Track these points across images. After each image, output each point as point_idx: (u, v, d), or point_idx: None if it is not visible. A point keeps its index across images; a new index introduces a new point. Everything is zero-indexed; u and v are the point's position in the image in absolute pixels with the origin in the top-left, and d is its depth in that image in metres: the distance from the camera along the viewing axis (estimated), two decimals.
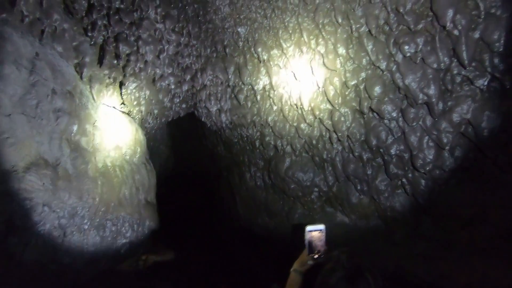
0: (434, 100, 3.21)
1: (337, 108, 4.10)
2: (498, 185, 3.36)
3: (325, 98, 4.23)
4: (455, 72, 3.09)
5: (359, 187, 4.65)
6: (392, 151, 3.92)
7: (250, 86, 4.83)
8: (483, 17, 2.70)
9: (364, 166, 4.47)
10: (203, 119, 7.20)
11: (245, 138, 6.50)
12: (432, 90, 3.20)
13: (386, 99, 3.62)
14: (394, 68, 3.41)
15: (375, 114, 3.86)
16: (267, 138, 5.71)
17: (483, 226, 3.46)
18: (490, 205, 3.44)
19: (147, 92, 5.48)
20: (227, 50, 4.59)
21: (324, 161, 5.04)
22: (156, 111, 6.36)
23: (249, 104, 5.11)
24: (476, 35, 2.79)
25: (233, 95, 5.20)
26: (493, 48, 2.71)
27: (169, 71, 5.33)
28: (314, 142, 4.96)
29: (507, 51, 2.76)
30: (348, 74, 3.85)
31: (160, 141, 9.08)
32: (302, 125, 4.88)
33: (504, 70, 2.78)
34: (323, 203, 5.44)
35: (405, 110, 3.53)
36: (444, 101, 3.22)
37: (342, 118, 4.16)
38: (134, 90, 5.32)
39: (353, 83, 3.84)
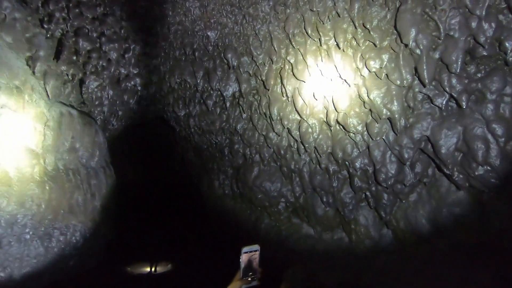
0: (396, 116, 3.27)
1: (305, 119, 4.08)
2: (454, 202, 3.47)
3: (294, 108, 4.20)
4: (416, 90, 3.17)
5: (325, 199, 4.64)
6: (357, 164, 3.95)
7: (219, 92, 4.71)
8: (442, 38, 2.78)
9: (330, 178, 4.47)
10: (171, 123, 6.96)
11: (214, 145, 6.33)
12: (395, 106, 3.25)
13: (352, 112, 3.64)
14: (360, 83, 3.44)
15: (341, 127, 3.87)
16: (236, 146, 5.60)
17: (440, 241, 3.54)
18: (446, 221, 3.54)
19: (111, 92, 5.17)
20: (196, 54, 4.45)
21: (292, 171, 5.00)
22: (120, 113, 6.02)
23: (218, 110, 4.98)
24: (436, 55, 2.88)
25: (201, 100, 5.04)
26: (451, 69, 2.80)
27: (135, 72, 5.09)
28: (282, 152, 4.90)
29: (463, 72, 2.87)
30: (316, 86, 3.84)
31: (127, 145, 8.64)
32: (271, 134, 4.81)
33: (460, 91, 2.88)
34: (290, 214, 5.39)
35: (369, 125, 3.57)
36: (406, 117, 3.29)
37: (310, 130, 4.15)
38: (95, 89, 5.00)
39: (321, 95, 3.84)
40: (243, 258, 1.46)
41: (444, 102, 3.05)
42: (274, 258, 5.33)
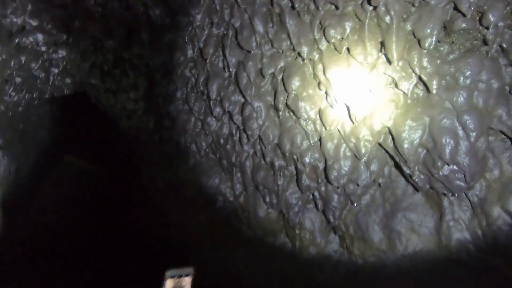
0: (355, 100, 2.68)
1: (249, 100, 3.33)
2: (410, 206, 3.02)
3: (237, 86, 3.42)
4: (380, 70, 2.61)
5: (268, 199, 3.95)
6: (306, 159, 3.32)
7: (145, 60, 3.73)
8: (417, 4, 2.24)
9: (275, 175, 3.79)
10: (93, 101, 5.71)
11: (142, 130, 5.28)
12: (354, 89, 2.66)
13: (305, 94, 2.99)
14: (316, 57, 2.79)
15: (291, 112, 3.20)
16: (168, 132, 4.65)
17: (393, 252, 3.07)
18: (400, 228, 3.08)
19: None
20: (116, 5, 3.42)
21: (233, 165, 4.23)
22: (19, 80, 4.66)
23: (145, 84, 3.99)
24: (408, 26, 2.33)
25: (124, 70, 4.00)
26: (423, 44, 2.27)
27: (35, 24, 3.84)
28: (222, 141, 4.11)
29: (435, 51, 2.37)
30: (265, 60, 3.11)
31: (37, 125, 7.02)
32: (209, 119, 3.98)
33: (431, 73, 2.37)
34: (228, 214, 4.61)
35: (324, 111, 2.95)
36: (366, 103, 2.72)
37: (254, 114, 3.41)
38: None
39: (269, 71, 3.12)
40: (168, 285, 1.12)
41: (410, 87, 2.53)
42: (205, 267, 4.52)
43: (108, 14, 3.56)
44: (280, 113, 3.32)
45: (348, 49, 2.61)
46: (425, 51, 2.33)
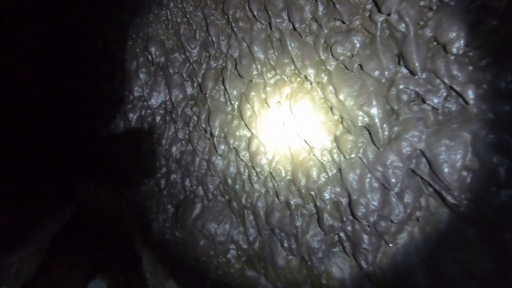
0: (377, 122, 2.31)
1: (256, 134, 3.01)
2: (462, 244, 2.46)
3: (241, 120, 3.14)
4: (401, 85, 2.27)
5: (286, 244, 3.44)
6: (326, 195, 2.88)
7: (144, 102, 3.54)
8: (434, 7, 1.95)
9: (291, 215, 3.33)
10: (97, 150, 5.54)
11: (148, 175, 4.99)
12: (374, 109, 2.30)
13: (316, 121, 2.64)
14: (325, 80, 2.49)
15: (303, 143, 2.84)
16: (173, 176, 4.32)
17: None
18: (453, 273, 2.49)
19: None
20: (112, 49, 3.33)
21: (244, 207, 3.79)
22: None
23: (146, 126, 3.77)
24: (428, 32, 2.02)
25: (124, 115, 3.82)
26: (450, 49, 1.94)
27: (34, 76, 3.80)
28: (230, 181, 3.73)
29: (464, 57, 2.03)
30: (268, 88, 2.85)
31: (37, 177, 6.87)
32: (214, 158, 3.65)
33: (464, 82, 2.01)
34: (243, 265, 4.06)
35: (340, 138, 2.57)
36: (390, 124, 2.34)
37: (262, 148, 3.06)
38: None
39: (275, 99, 2.83)
40: None
41: (441, 101, 2.15)
42: None
43: (104, 57, 3.47)
44: (291, 145, 2.96)
45: (360, 66, 2.31)
46: (453, 57, 2.00)
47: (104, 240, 9.71)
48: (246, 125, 3.08)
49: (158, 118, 3.65)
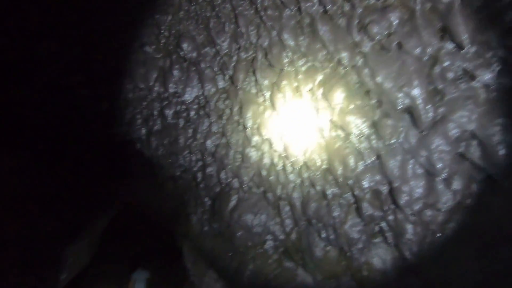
0: (419, 104, 2.16)
1: (289, 124, 2.97)
2: None
3: (273, 111, 3.11)
4: (446, 61, 2.09)
5: (324, 235, 3.38)
6: (365, 183, 2.77)
7: (179, 99, 3.66)
8: None
9: (329, 205, 3.25)
10: (138, 148, 5.86)
11: (186, 170, 5.17)
12: (415, 90, 2.16)
13: (352, 107, 2.54)
14: (360, 62, 2.38)
15: (338, 130, 2.75)
16: (209, 169, 4.43)
17: None
18: (504, 268, 2.27)
19: (46, 108, 4.14)
20: (147, 48, 3.47)
21: (279, 198, 3.78)
22: (67, 134, 4.94)
23: (181, 122, 3.90)
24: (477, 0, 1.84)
25: (161, 112, 3.98)
26: (506, 16, 1.74)
27: (79, 79, 4.09)
28: (264, 173, 3.74)
29: None
30: (300, 76, 2.79)
31: (87, 177, 7.44)
32: (248, 150, 3.68)
33: None
34: (280, 255, 4.07)
35: (379, 123, 2.45)
36: (434, 106, 2.17)
37: (296, 138, 3.02)
38: (26, 103, 3.97)
39: (307, 87, 2.77)
40: None
41: (494, 76, 1.95)
42: None
43: (140, 57, 3.63)
44: (326, 133, 2.88)
45: (399, 45, 2.17)
46: (509, 26, 1.79)
47: (146, 233, 10.31)
48: (278, 115, 3.05)
49: (192, 113, 3.76)
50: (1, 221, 3.35)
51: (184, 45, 3.20)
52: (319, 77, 2.72)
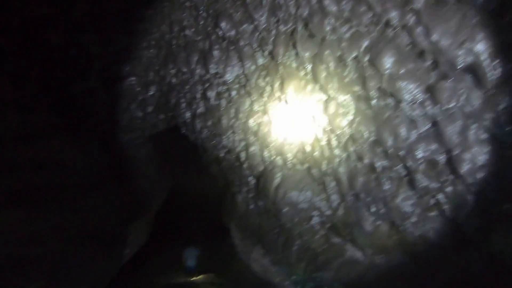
0: (483, 60, 1.93)
1: (332, 95, 2.87)
2: None
3: (315, 84, 3.03)
4: None
5: (373, 209, 3.28)
6: (419, 153, 2.60)
7: (220, 79, 3.72)
8: None
9: (378, 179, 3.13)
10: (183, 132, 6.14)
11: (229, 151, 5.31)
12: (479, 45, 1.93)
13: (403, 71, 2.37)
14: (412, 21, 2.19)
15: (388, 98, 2.60)
16: (252, 148, 4.51)
17: None
18: None
19: (103, 97, 4.49)
20: (187, 32, 3.54)
21: (324, 174, 3.74)
22: (124, 122, 5.34)
23: (223, 103, 3.97)
24: None
25: (203, 94, 4.09)
26: None
27: (127, 68, 4.35)
28: (308, 149, 3.70)
29: None
30: (344, 44, 2.65)
31: (144, 162, 8.01)
32: (290, 126, 3.65)
33: None
34: (328, 231, 4.06)
35: (435, 86, 2.26)
36: (501, 60, 1.93)
37: (341, 110, 2.92)
38: (86, 94, 4.34)
39: (352, 55, 2.63)
40: None
41: None
42: None
43: (182, 42, 3.73)
44: (374, 102, 2.74)
45: None
46: None
47: (195, 214, 10.93)
48: (322, 87, 2.96)
49: (233, 92, 3.81)
50: (79, 199, 3.79)
51: (222, 24, 3.21)
52: (365, 43, 2.56)
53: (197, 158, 8.08)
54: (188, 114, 4.70)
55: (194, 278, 7.47)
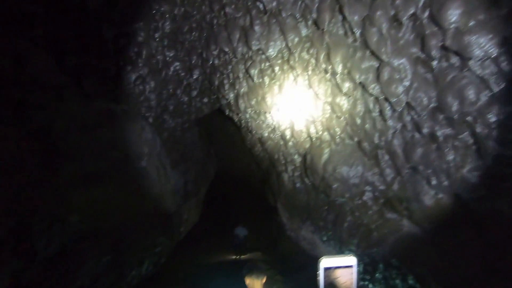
0: None
1: (387, 60, 2.66)
2: None
3: (366, 50, 2.82)
4: None
5: (434, 182, 3.06)
6: (491, 117, 2.32)
7: (262, 56, 3.65)
8: None
9: (439, 149, 2.88)
10: (227, 113, 6.24)
11: (274, 129, 5.29)
12: None
13: (473, 23, 2.08)
14: None
15: (452, 57, 2.32)
16: (297, 125, 4.42)
17: None
18: None
19: (152, 84, 4.71)
20: (227, 10, 3.50)
21: (377, 147, 3.55)
22: (172, 107, 5.57)
23: (267, 80, 3.92)
24: None
25: (246, 73, 4.07)
26: None
27: (172, 54, 4.48)
28: (358, 121, 3.52)
29: None
30: (398, 2, 2.41)
31: (192, 145, 8.37)
32: (338, 99, 3.49)
33: None
34: (382, 206, 3.90)
35: None
36: None
37: (397, 75, 2.69)
38: (137, 83, 4.59)
39: (409, 12, 2.38)
40: (323, 277, 0.77)
41: None
42: (363, 269, 3.93)
43: (222, 21, 3.71)
44: (435, 63, 2.47)
45: None
46: None
47: (242, 195, 11.29)
48: (373, 53, 2.75)
49: (276, 68, 3.72)
50: (137, 181, 4.11)
51: None
52: None
53: (242, 139, 8.24)
54: (231, 95, 4.74)
55: (243, 256, 7.80)
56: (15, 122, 2.82)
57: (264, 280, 2.32)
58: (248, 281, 2.32)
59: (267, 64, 3.74)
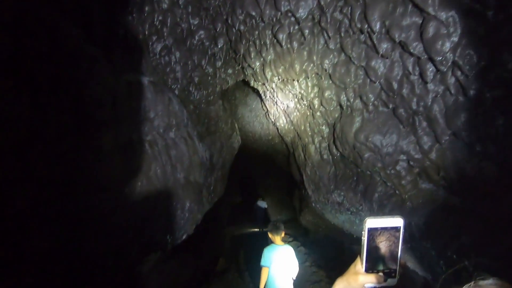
0: None
1: (434, 13, 2.40)
2: None
3: (409, 3, 2.56)
4: None
5: (478, 149, 2.85)
6: None
7: (292, 18, 3.45)
8: None
9: (487, 113, 2.65)
10: (252, 84, 6.12)
11: (301, 99, 5.13)
12: None
13: None
14: None
15: None
16: (327, 93, 4.24)
17: None
18: None
19: (178, 54, 4.66)
20: None
21: (414, 113, 3.33)
22: (197, 79, 5.53)
23: (295, 45, 3.73)
24: None
25: (273, 39, 3.90)
26: None
27: (196, 22, 4.36)
28: (395, 86, 3.29)
29: None
30: None
31: (217, 118, 8.41)
32: (374, 63, 3.26)
33: None
34: (416, 176, 3.74)
35: None
36: None
37: (443, 31, 2.44)
38: (162, 53, 4.56)
39: None
40: (367, 238, 0.72)
41: None
42: None
43: None
44: (490, 14, 2.19)
45: None
46: None
47: (266, 166, 11.32)
48: (417, 6, 2.49)
49: (306, 32, 3.52)
50: (169, 151, 4.20)
51: None
52: None
53: (266, 112, 8.14)
54: (257, 63, 4.60)
55: (265, 229, 7.97)
56: (53, 96, 2.90)
57: (282, 235, 3.24)
58: (270, 235, 3.29)
59: (296, 27, 3.54)
